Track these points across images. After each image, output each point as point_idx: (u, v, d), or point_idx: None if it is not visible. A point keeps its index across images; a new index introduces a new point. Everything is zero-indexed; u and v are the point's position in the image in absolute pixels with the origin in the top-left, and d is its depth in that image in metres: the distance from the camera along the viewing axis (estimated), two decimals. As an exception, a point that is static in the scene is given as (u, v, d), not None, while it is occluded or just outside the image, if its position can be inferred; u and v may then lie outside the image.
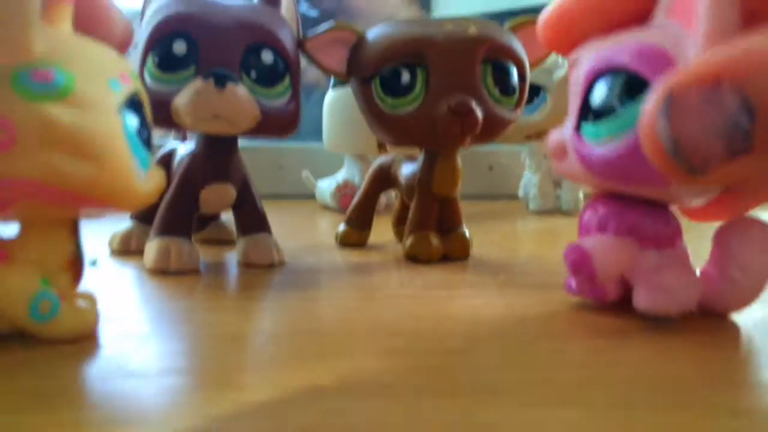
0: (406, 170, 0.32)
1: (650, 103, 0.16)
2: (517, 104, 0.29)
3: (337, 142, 0.51)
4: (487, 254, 0.33)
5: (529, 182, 0.53)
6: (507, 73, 0.28)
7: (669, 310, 0.20)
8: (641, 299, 0.21)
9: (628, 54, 0.19)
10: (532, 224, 0.47)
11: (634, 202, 0.21)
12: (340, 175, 0.52)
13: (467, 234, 0.31)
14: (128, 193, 0.17)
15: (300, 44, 0.28)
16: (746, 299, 0.21)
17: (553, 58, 0.50)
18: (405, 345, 0.18)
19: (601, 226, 0.21)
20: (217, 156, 0.28)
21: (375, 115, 0.29)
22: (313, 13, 0.78)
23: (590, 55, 0.20)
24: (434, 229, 0.30)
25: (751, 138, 0.14)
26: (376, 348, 0.18)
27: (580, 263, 0.21)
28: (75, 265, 0.18)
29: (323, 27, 0.29)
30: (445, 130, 0.27)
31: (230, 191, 0.28)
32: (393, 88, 0.28)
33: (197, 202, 0.27)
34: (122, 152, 0.17)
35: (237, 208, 0.29)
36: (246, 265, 0.28)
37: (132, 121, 0.17)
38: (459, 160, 0.30)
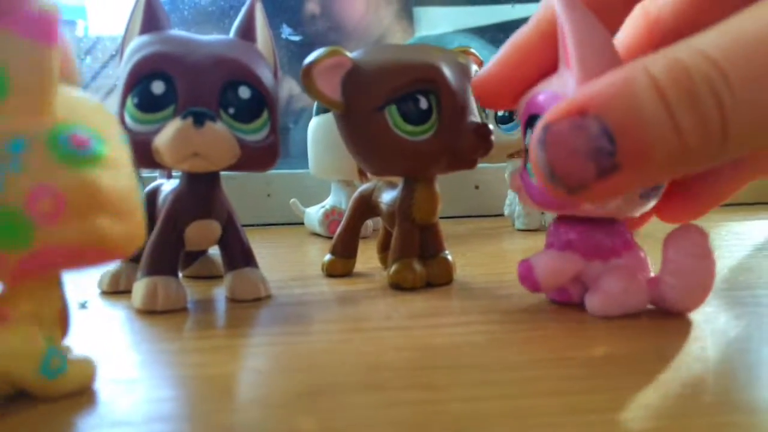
0: (387, 197, 0.32)
1: (533, 135, 0.19)
2: None
3: (323, 168, 0.51)
4: (472, 277, 0.33)
5: (513, 201, 0.54)
6: None
7: (613, 311, 0.24)
8: (588, 303, 0.24)
9: (539, 102, 0.22)
10: (518, 243, 0.47)
11: (580, 220, 0.25)
12: (328, 202, 0.53)
13: (450, 258, 0.32)
14: (140, 240, 0.18)
15: (303, 72, 0.28)
16: (687, 300, 0.24)
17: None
18: (385, 380, 0.18)
19: (549, 243, 0.26)
20: (201, 193, 0.28)
21: (390, 144, 0.28)
22: (296, 38, 0.79)
23: (522, 104, 0.24)
24: (417, 256, 0.31)
25: (616, 158, 0.17)
26: (356, 384, 0.18)
27: (524, 275, 0.25)
28: (64, 318, 0.18)
29: (320, 52, 0.28)
30: (469, 154, 0.28)
31: (215, 227, 0.29)
32: (411, 115, 0.28)
33: (182, 239, 0.28)
34: (140, 205, 0.17)
35: (222, 243, 0.29)
36: (233, 300, 0.29)
37: None
38: (437, 186, 0.31)
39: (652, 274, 0.25)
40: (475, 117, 0.29)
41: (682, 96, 0.16)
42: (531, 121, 0.23)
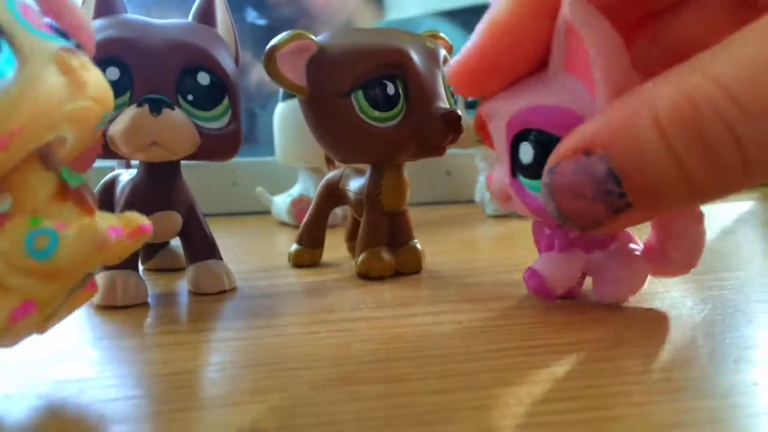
0: (355, 185, 0.32)
1: (543, 179, 0.17)
2: None
3: (290, 155, 0.50)
4: (442, 265, 0.33)
5: (484, 187, 0.54)
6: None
7: (623, 297, 0.24)
8: (598, 293, 0.24)
9: (543, 116, 0.20)
10: (489, 229, 0.47)
11: None
12: (295, 190, 0.52)
13: (419, 247, 0.31)
14: None
15: (266, 55, 0.27)
16: (687, 265, 0.24)
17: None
18: (350, 374, 0.18)
19: (549, 245, 0.24)
20: (160, 183, 0.27)
21: (357, 130, 0.27)
22: (262, 21, 0.77)
23: (505, 111, 0.21)
24: (385, 244, 0.30)
25: (627, 198, 0.16)
26: (322, 378, 0.18)
27: (536, 287, 0.24)
28: (71, 193, 0.17)
29: (284, 35, 0.27)
30: (438, 140, 0.28)
31: (176, 219, 0.28)
32: (378, 100, 0.27)
33: (142, 232, 0.27)
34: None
35: (184, 235, 0.29)
36: (196, 294, 0.28)
37: None
38: (406, 174, 0.30)
39: (640, 245, 0.24)
40: (444, 103, 0.28)
41: (688, 135, 0.14)
42: (525, 135, 0.21)
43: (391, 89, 0.27)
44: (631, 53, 0.18)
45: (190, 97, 0.25)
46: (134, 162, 0.29)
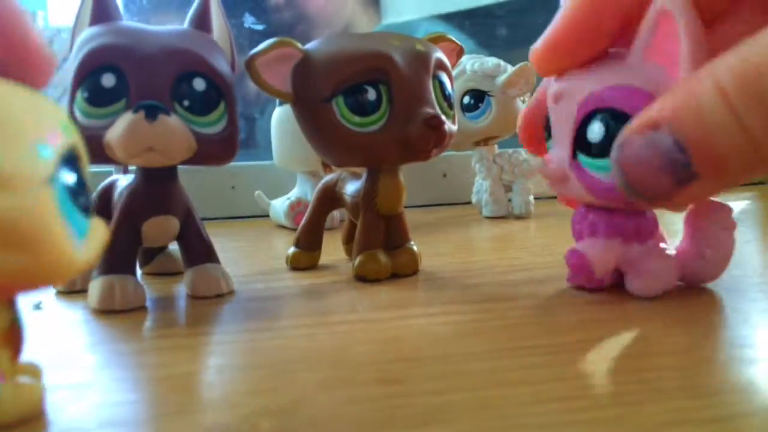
0: (351, 188, 0.32)
1: (612, 154, 0.19)
2: (453, 117, 0.30)
3: (288, 159, 0.50)
4: (439, 267, 0.33)
5: (480, 188, 0.54)
6: (445, 86, 0.29)
7: (656, 290, 0.24)
8: (633, 285, 0.25)
9: (619, 96, 0.21)
10: (486, 231, 0.47)
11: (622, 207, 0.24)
12: (293, 194, 0.52)
13: (415, 249, 0.32)
14: (66, 270, 0.15)
15: (246, 63, 0.27)
16: (717, 271, 0.25)
17: (496, 63, 0.51)
18: (346, 375, 0.18)
19: (593, 230, 0.25)
20: (157, 188, 0.27)
21: (338, 136, 0.28)
22: (260, 27, 0.77)
23: (579, 91, 0.23)
24: (382, 247, 0.31)
25: (693, 168, 0.17)
26: (319, 380, 0.18)
27: (579, 266, 0.24)
28: (14, 339, 0.16)
29: (266, 43, 0.27)
30: (420, 145, 0.27)
31: (173, 223, 0.28)
32: (359, 106, 0.27)
33: (139, 236, 0.27)
34: (56, 231, 0.14)
35: (181, 239, 0.29)
36: (194, 297, 0.28)
37: (67, 185, 0.15)
38: (401, 177, 0.30)
39: (673, 250, 0.25)
40: (431, 107, 0.28)
41: (750, 98, 0.15)
42: (596, 114, 0.22)
43: (372, 94, 0.27)
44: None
45: (186, 103, 0.25)
46: (131, 167, 0.29)
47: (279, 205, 0.52)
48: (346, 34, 0.27)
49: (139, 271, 0.31)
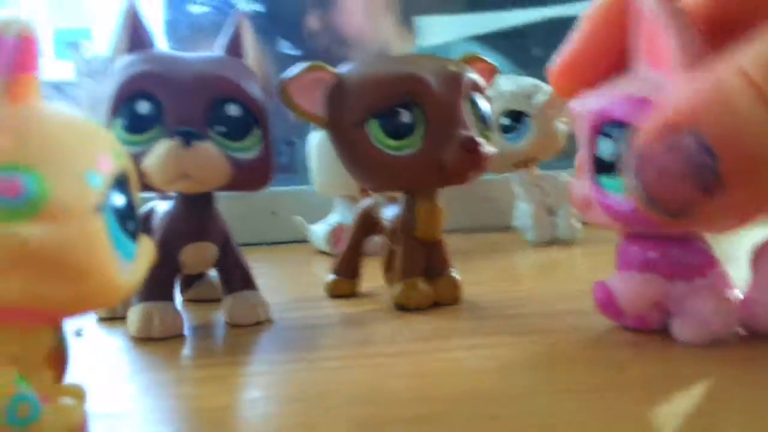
0: (389, 213, 0.31)
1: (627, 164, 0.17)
2: (492, 139, 0.29)
3: (325, 184, 0.50)
4: (481, 296, 0.32)
5: (523, 213, 0.53)
6: (480, 108, 0.29)
7: (704, 337, 0.21)
8: (675, 329, 0.22)
9: (624, 107, 0.20)
10: (529, 257, 0.46)
11: (657, 237, 0.22)
12: (333, 218, 0.52)
13: (457, 277, 0.31)
14: (113, 296, 0.15)
15: (279, 88, 0.27)
16: None
17: (532, 82, 0.50)
18: (377, 413, 0.17)
19: (628, 263, 0.23)
20: (195, 215, 0.27)
21: (373, 160, 0.27)
22: (297, 53, 0.78)
23: (588, 108, 0.21)
24: (422, 274, 0.30)
25: (720, 175, 0.15)
26: (351, 417, 0.17)
27: (604, 301, 0.23)
28: (59, 360, 0.16)
29: (299, 68, 0.28)
30: (456, 168, 0.27)
31: (211, 250, 0.28)
32: (394, 129, 0.27)
33: (178, 264, 0.27)
34: (105, 259, 0.14)
35: (220, 266, 0.29)
36: (232, 325, 0.28)
37: (116, 208, 0.15)
38: (440, 202, 0.30)
39: (740, 294, 0.22)
40: (467, 129, 0.27)
41: None
42: (603, 129, 0.21)
43: (406, 117, 0.27)
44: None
45: (220, 129, 0.25)
46: (171, 193, 0.29)
47: (319, 231, 0.52)
48: (378, 57, 0.27)
49: (179, 298, 0.31)
